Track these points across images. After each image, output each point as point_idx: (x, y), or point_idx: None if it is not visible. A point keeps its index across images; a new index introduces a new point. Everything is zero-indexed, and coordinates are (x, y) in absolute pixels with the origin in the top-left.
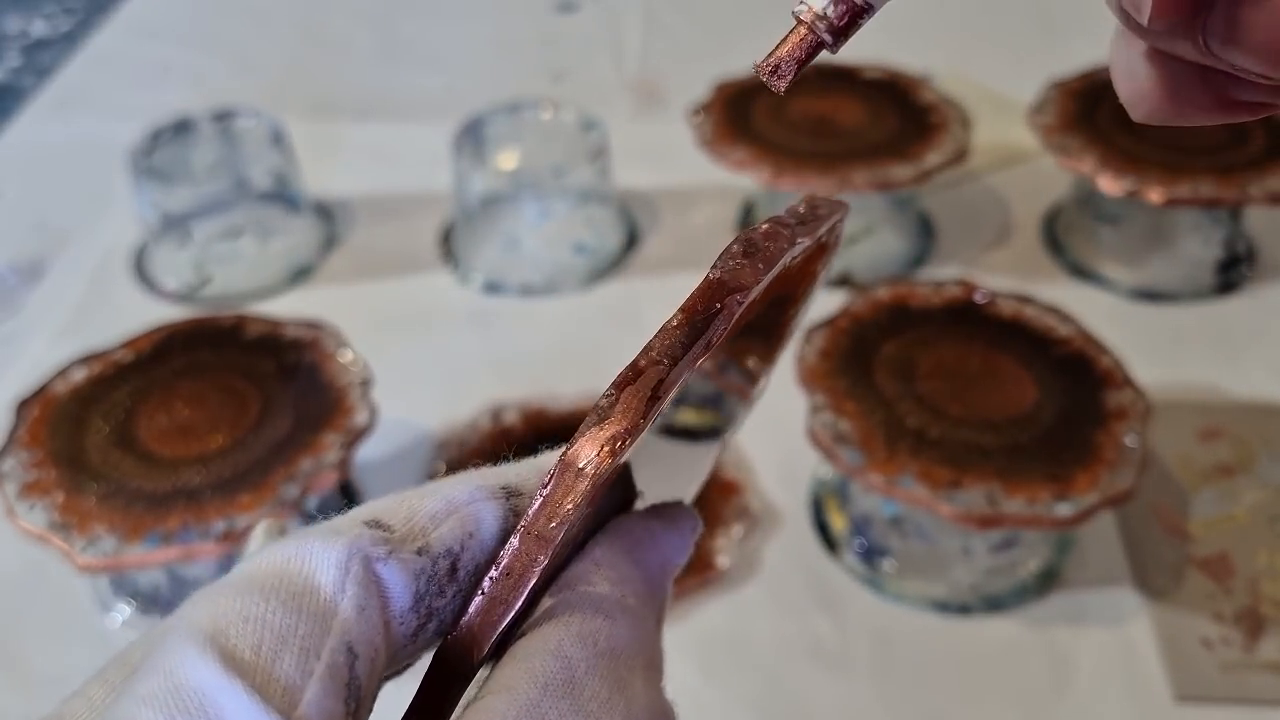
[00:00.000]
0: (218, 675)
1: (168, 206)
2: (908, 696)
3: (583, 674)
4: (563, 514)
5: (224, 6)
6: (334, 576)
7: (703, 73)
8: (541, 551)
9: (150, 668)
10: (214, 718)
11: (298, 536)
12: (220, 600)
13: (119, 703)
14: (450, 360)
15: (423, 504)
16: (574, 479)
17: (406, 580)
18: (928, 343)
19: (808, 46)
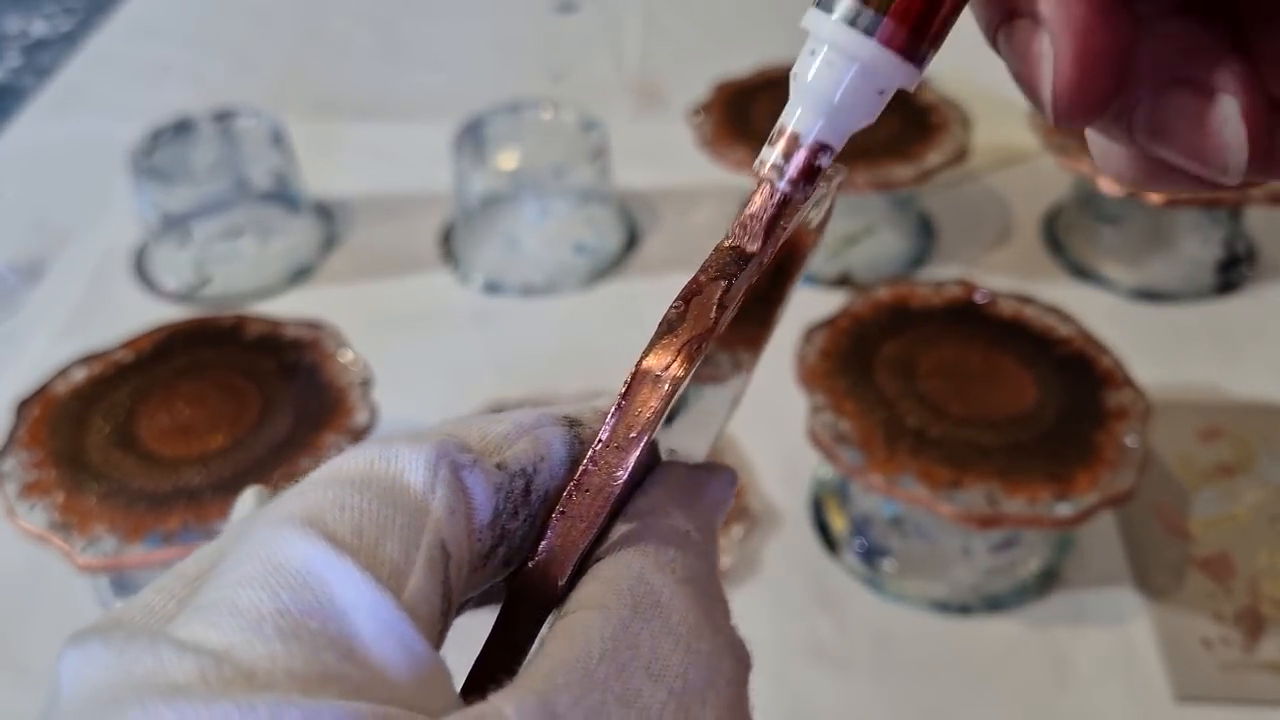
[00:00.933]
0: (324, 552)
1: (168, 206)
2: (908, 696)
3: (668, 598)
4: (642, 422)
5: (224, 6)
6: (423, 476)
7: (703, 73)
8: (621, 464)
9: (237, 557)
10: (321, 593)
11: (378, 441)
12: (309, 493)
13: (206, 593)
14: (450, 360)
15: (493, 426)
16: (651, 387)
17: (488, 492)
18: (928, 342)
19: (773, 204)
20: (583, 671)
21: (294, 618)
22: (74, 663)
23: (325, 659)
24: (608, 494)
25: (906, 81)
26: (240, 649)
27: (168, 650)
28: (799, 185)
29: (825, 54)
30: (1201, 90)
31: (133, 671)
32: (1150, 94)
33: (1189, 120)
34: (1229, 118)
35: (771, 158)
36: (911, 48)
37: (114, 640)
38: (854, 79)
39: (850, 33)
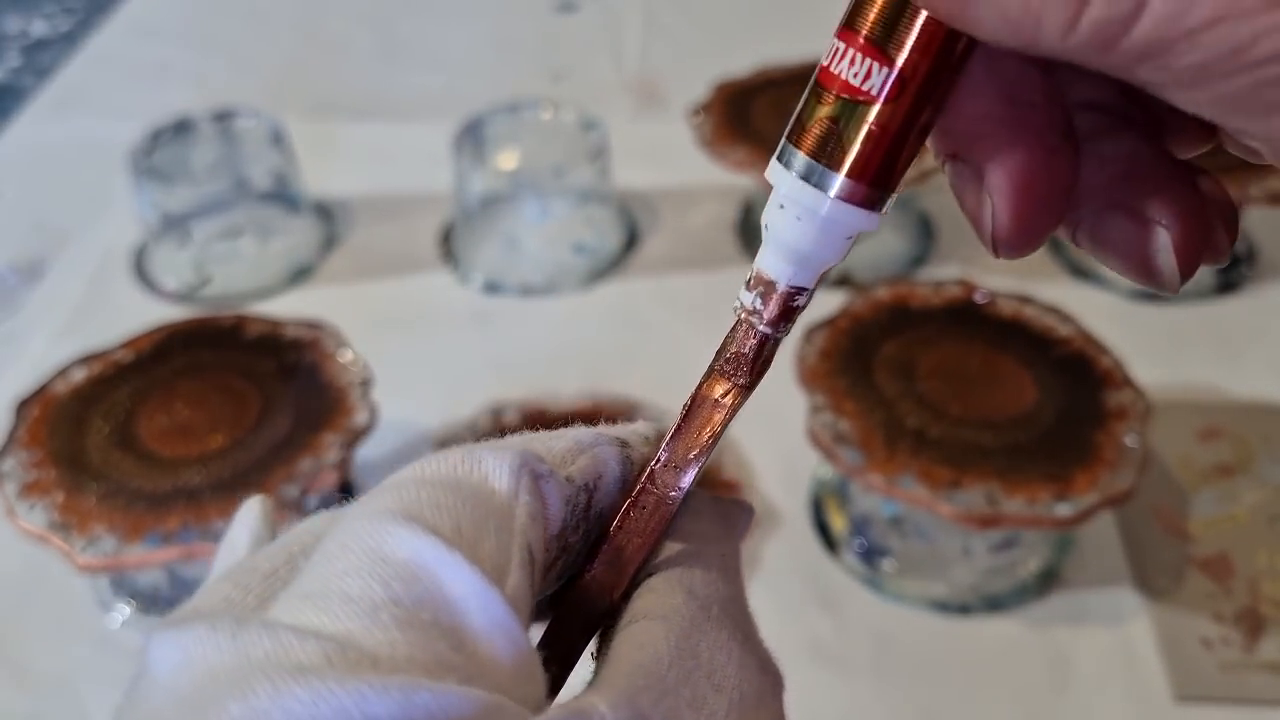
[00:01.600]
0: (433, 546)
1: (168, 206)
2: (908, 696)
3: (717, 614)
4: (701, 445)
5: (223, 6)
6: (509, 483)
7: (703, 73)
8: (678, 484)
9: (335, 550)
10: (433, 586)
11: (459, 447)
12: (402, 493)
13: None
14: (450, 360)
15: (556, 443)
16: (710, 411)
17: (560, 502)
18: (928, 343)
19: (753, 343)
20: (658, 676)
21: (407, 608)
22: (176, 646)
23: (439, 648)
24: (665, 512)
25: (869, 227)
26: (359, 635)
27: (286, 634)
28: (778, 325)
29: (790, 209)
30: (1138, 219)
31: (251, 654)
32: (1092, 214)
33: (1127, 243)
34: (1162, 247)
35: (749, 301)
36: (871, 200)
37: (223, 624)
38: (819, 231)
39: (811, 191)
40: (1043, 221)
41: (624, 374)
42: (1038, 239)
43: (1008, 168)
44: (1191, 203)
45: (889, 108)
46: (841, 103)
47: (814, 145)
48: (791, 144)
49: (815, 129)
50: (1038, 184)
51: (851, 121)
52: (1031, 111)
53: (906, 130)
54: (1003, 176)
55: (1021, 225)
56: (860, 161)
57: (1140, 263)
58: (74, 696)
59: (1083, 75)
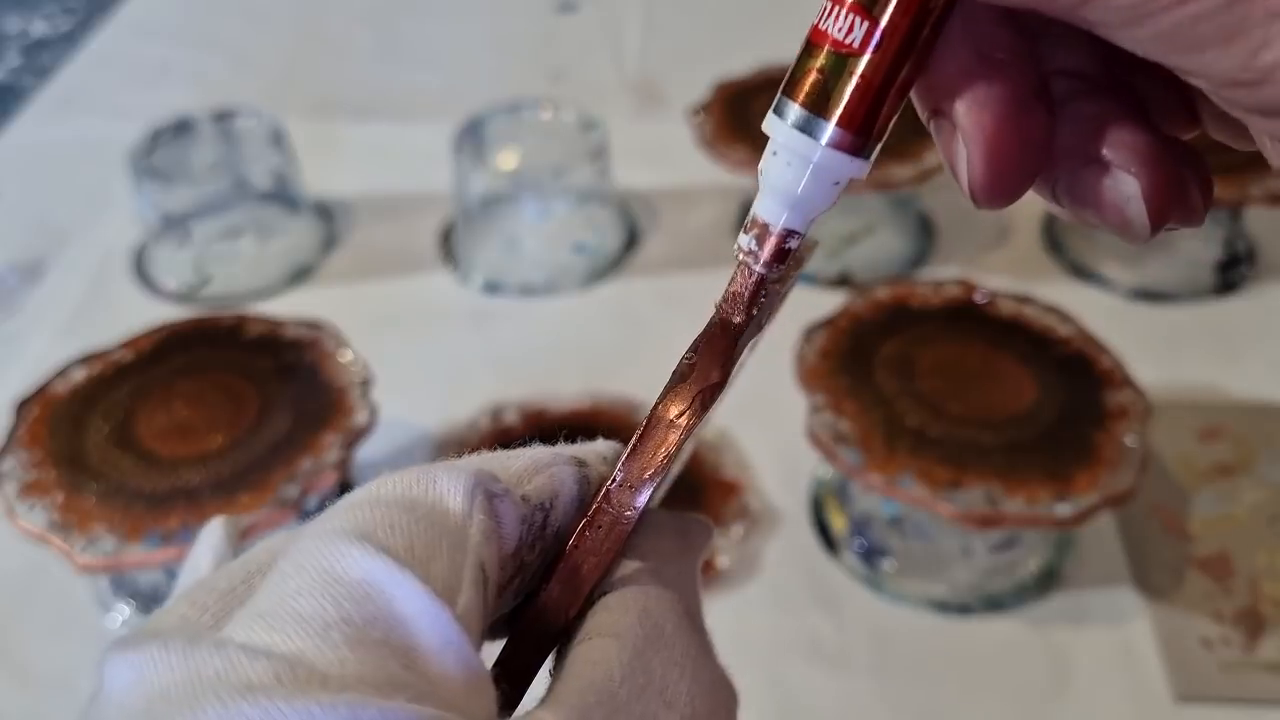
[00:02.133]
0: (385, 565)
1: (168, 206)
2: (907, 696)
3: (671, 632)
4: (655, 465)
5: (223, 6)
6: (463, 502)
7: (703, 73)
8: (634, 503)
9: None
10: (384, 605)
11: (415, 468)
12: (354, 513)
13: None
14: (450, 360)
15: (512, 461)
16: (665, 431)
17: (515, 522)
18: (927, 342)
19: (751, 283)
20: (609, 693)
21: (358, 626)
22: (129, 665)
23: (390, 666)
24: (620, 531)
25: (858, 173)
26: (310, 654)
27: (237, 653)
28: (773, 266)
29: (783, 155)
30: (1109, 171)
31: (202, 673)
32: (1068, 170)
33: (1099, 196)
34: (1131, 196)
35: (747, 244)
36: (858, 147)
37: (174, 643)
38: (810, 177)
39: (802, 138)
40: (1016, 172)
41: (624, 374)
42: (1013, 189)
43: (981, 119)
44: (1162, 154)
45: (874, 60)
46: (831, 56)
47: (806, 96)
48: (786, 96)
49: (807, 81)
50: (1010, 135)
51: (840, 73)
52: (1005, 69)
53: (890, 82)
54: (976, 127)
55: (995, 174)
56: (849, 110)
57: (1112, 213)
58: (74, 696)
59: (1061, 44)
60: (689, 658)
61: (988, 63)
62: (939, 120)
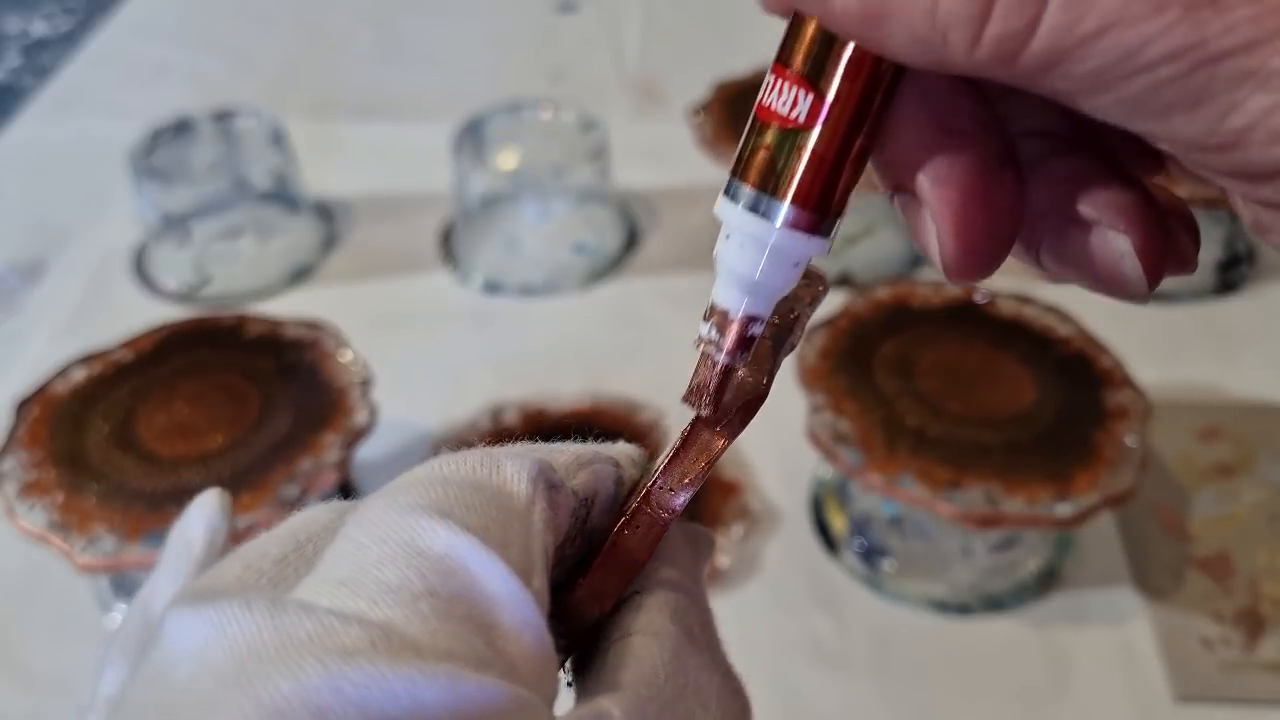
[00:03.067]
0: (470, 543)
1: (168, 206)
2: (908, 696)
3: (699, 636)
4: (697, 470)
5: (223, 6)
6: (527, 489)
7: (703, 73)
8: (672, 506)
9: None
10: (468, 581)
11: (477, 450)
12: (429, 490)
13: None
14: (450, 360)
15: (558, 455)
16: (710, 437)
17: (566, 513)
18: (928, 342)
19: (716, 374)
20: (658, 688)
21: (445, 600)
22: (206, 622)
23: (475, 642)
24: (657, 533)
25: (818, 251)
26: (400, 623)
27: (329, 617)
28: (737, 355)
29: (737, 239)
30: (1095, 230)
31: (294, 634)
32: (1050, 234)
33: (1089, 257)
34: (1124, 253)
35: (707, 333)
36: (815, 224)
37: (258, 603)
38: (767, 261)
39: (756, 220)
40: (990, 245)
41: (624, 374)
42: (988, 262)
43: (947, 196)
44: (1147, 208)
45: (824, 134)
46: (779, 132)
47: (756, 176)
48: (736, 178)
49: (756, 160)
50: (979, 208)
51: (790, 150)
52: (966, 139)
53: (843, 155)
54: (943, 204)
55: (967, 251)
56: (802, 188)
57: (1105, 273)
58: (74, 696)
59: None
60: (714, 662)
61: (949, 133)
62: (902, 196)
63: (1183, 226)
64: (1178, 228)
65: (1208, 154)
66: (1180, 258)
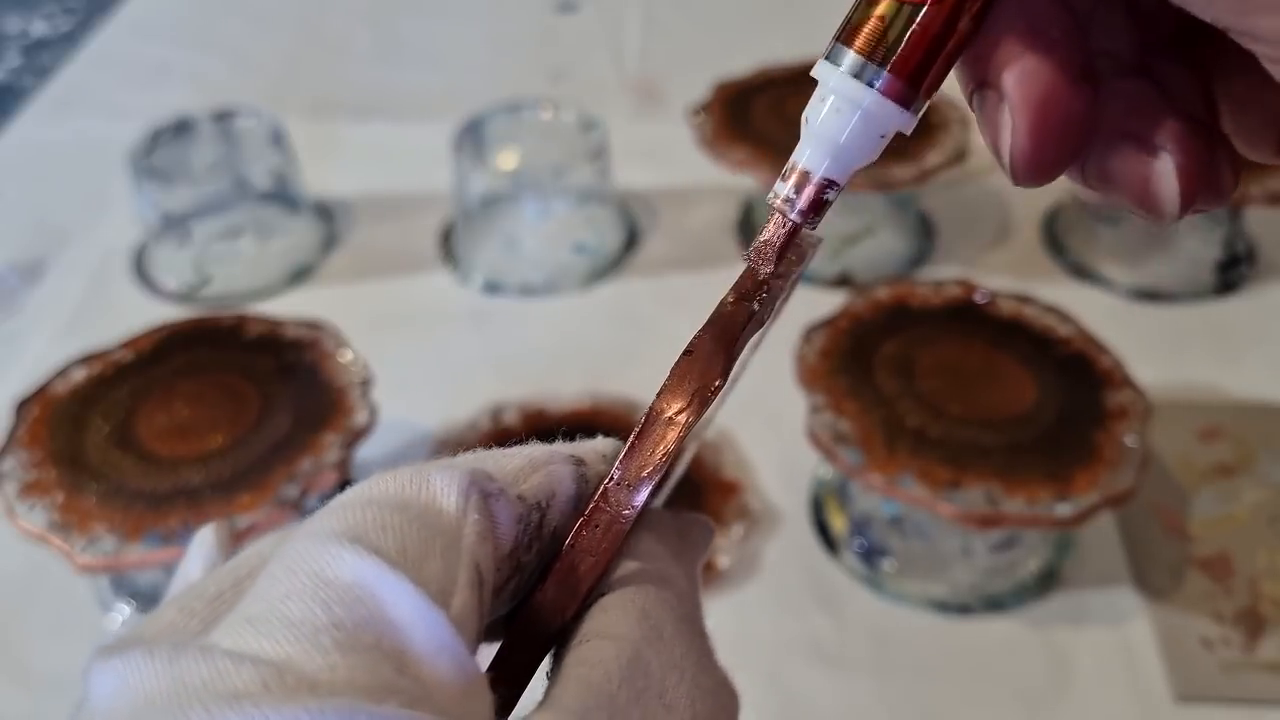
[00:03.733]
0: (376, 567)
1: (168, 206)
2: (908, 696)
3: (670, 634)
4: (654, 463)
5: (223, 6)
6: (457, 501)
7: (703, 73)
8: (632, 502)
9: (280, 572)
10: (375, 609)
11: (409, 467)
12: (347, 513)
13: (248, 607)
14: (450, 360)
15: (508, 460)
16: (664, 428)
17: (511, 522)
18: (928, 342)
19: (784, 232)
20: (608, 696)
21: (349, 631)
22: (114, 674)
23: (383, 671)
24: (618, 531)
25: (904, 126)
26: (299, 659)
27: (223, 660)
28: (808, 216)
29: (833, 101)
30: (1143, 146)
31: (187, 680)
32: (1099, 146)
33: (1131, 171)
34: (1165, 172)
35: (784, 191)
36: (908, 99)
37: (159, 651)
38: (858, 124)
39: (855, 84)
40: (1060, 147)
41: (624, 374)
42: (1055, 165)
43: (1029, 89)
44: (1196, 135)
45: (934, 10)
46: (893, 4)
47: (863, 43)
48: (840, 43)
49: (865, 28)
50: (1056, 108)
51: (900, 22)
52: (1055, 44)
53: (947, 35)
54: (1025, 100)
55: (1040, 148)
56: (903, 59)
57: (1142, 191)
58: (74, 696)
59: (1106, 23)
60: (688, 660)
61: (1040, 38)
62: (984, 93)
63: (1227, 158)
64: (1223, 159)
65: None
66: (1217, 188)
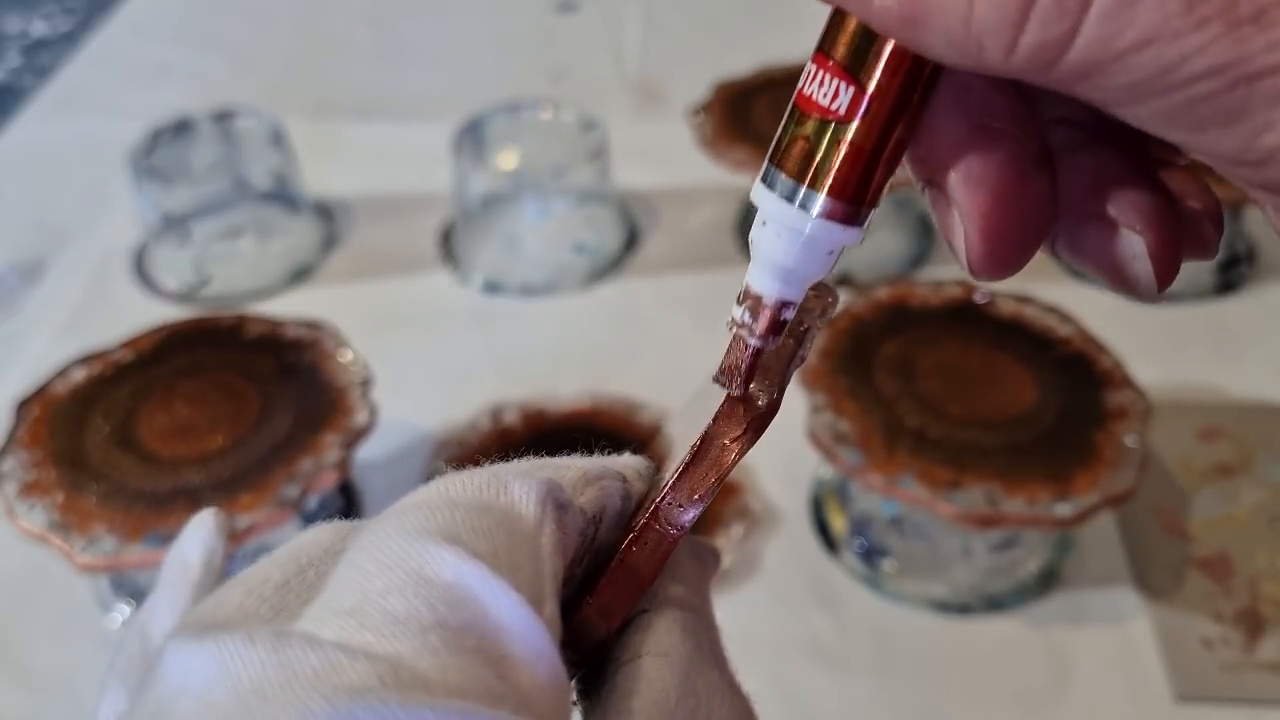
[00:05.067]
0: (480, 571)
1: (168, 206)
2: (908, 696)
3: (709, 654)
4: (706, 486)
5: (223, 6)
6: (535, 511)
7: (703, 73)
8: (682, 522)
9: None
10: (478, 611)
11: (482, 470)
12: (436, 513)
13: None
14: (450, 360)
15: (564, 472)
16: (720, 453)
17: (574, 533)
18: (928, 342)
19: (746, 355)
20: (668, 711)
21: (455, 631)
22: (209, 658)
23: (486, 676)
24: (666, 549)
25: (851, 242)
26: (409, 657)
27: (335, 652)
28: (768, 338)
29: (772, 227)
30: (1111, 228)
31: (299, 670)
32: (1068, 226)
33: (1102, 254)
34: (1138, 255)
35: (739, 316)
36: (851, 216)
37: (261, 637)
38: (803, 248)
39: (792, 211)
40: (1016, 247)
41: (624, 374)
42: (1012, 264)
43: (977, 197)
44: (1166, 211)
45: (863, 126)
46: (818, 123)
47: (794, 165)
48: (774, 165)
49: (794, 150)
50: (1007, 213)
51: (828, 141)
52: (1002, 139)
53: (880, 148)
54: (972, 205)
55: (993, 251)
56: (839, 179)
57: (1118, 271)
58: (74, 696)
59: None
60: (726, 680)
61: (984, 132)
62: (934, 191)
63: (1205, 214)
64: (1199, 216)
65: (1241, 168)
66: (1200, 244)
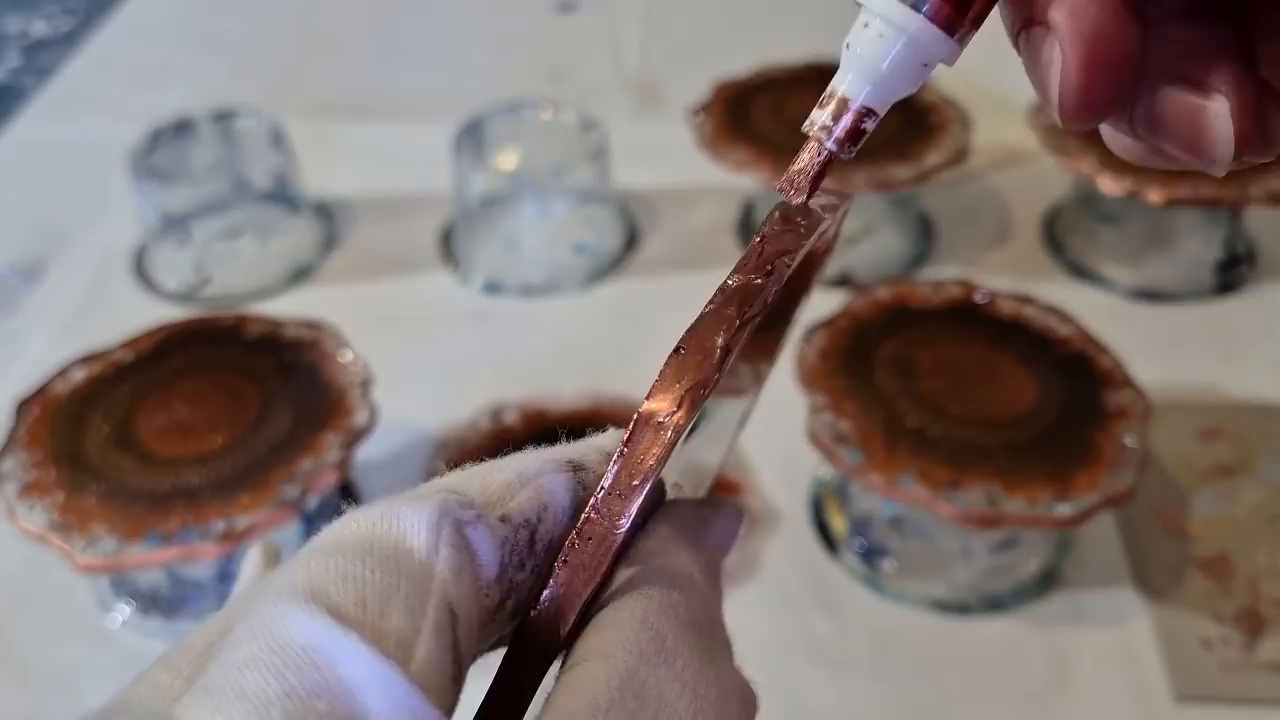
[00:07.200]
0: (328, 629)
1: (168, 206)
2: (908, 696)
3: (672, 643)
4: (645, 469)
5: (223, 7)
6: (426, 538)
7: (703, 73)
8: (624, 512)
9: (242, 635)
10: (328, 673)
11: (381, 502)
12: (310, 563)
13: (212, 674)
14: (450, 360)
15: (495, 476)
16: (655, 433)
17: (493, 547)
18: (928, 342)
19: (819, 161)
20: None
21: (302, 699)
22: None
23: None
24: (610, 542)
25: (948, 57)
26: None
27: None
28: (845, 145)
29: (877, 25)
30: (1197, 88)
31: None
32: (1150, 90)
33: (1184, 115)
34: (1220, 114)
35: (821, 119)
36: (955, 26)
37: None
38: (901, 50)
39: (902, 8)
40: (1111, 84)
41: (624, 374)
42: (1106, 103)
43: (1080, 22)
44: (1250, 81)
45: None
46: None
47: None
48: None
49: None
50: (1108, 42)
51: None
52: None
53: None
54: (1074, 30)
55: (1090, 83)
56: None
57: (1195, 134)
58: (74, 696)
59: None
60: (690, 670)
61: None
62: (1031, 30)
63: (1276, 106)
64: (1272, 108)
65: None
66: (1267, 138)
